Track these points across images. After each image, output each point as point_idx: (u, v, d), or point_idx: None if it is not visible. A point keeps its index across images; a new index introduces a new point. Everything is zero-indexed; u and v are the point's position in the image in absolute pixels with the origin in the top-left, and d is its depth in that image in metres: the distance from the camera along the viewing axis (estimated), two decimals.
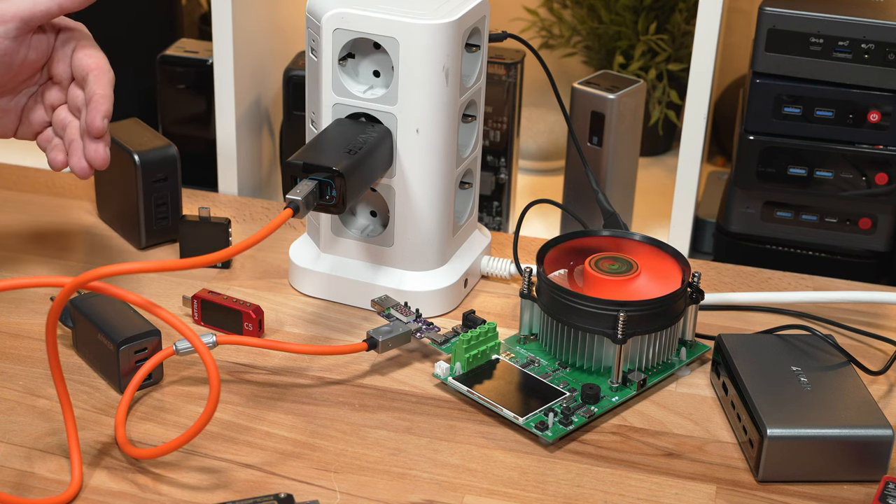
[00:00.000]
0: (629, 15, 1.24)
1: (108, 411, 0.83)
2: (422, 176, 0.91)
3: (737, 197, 1.06)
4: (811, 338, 0.87)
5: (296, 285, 0.98)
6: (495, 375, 0.86)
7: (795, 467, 0.78)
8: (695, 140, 1.03)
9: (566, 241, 0.93)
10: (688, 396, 0.87)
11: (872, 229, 1.04)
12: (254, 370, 0.88)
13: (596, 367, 0.86)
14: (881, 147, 1.01)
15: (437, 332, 0.89)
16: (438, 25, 0.87)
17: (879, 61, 0.99)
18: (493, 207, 1.13)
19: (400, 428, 0.82)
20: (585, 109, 1.06)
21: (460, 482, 0.78)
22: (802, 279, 1.03)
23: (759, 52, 1.01)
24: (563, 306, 0.86)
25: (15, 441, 0.80)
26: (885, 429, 0.78)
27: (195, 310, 0.92)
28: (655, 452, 0.81)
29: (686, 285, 0.88)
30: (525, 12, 1.31)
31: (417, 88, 0.88)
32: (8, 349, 0.89)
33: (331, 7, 0.88)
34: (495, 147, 1.11)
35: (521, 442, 0.81)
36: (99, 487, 0.76)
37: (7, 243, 1.03)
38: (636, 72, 1.24)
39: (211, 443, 0.80)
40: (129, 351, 0.83)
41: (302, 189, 0.84)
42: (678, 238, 1.05)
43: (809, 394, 0.81)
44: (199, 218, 0.99)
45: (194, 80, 1.14)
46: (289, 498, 0.73)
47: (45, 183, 1.13)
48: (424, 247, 0.94)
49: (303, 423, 0.82)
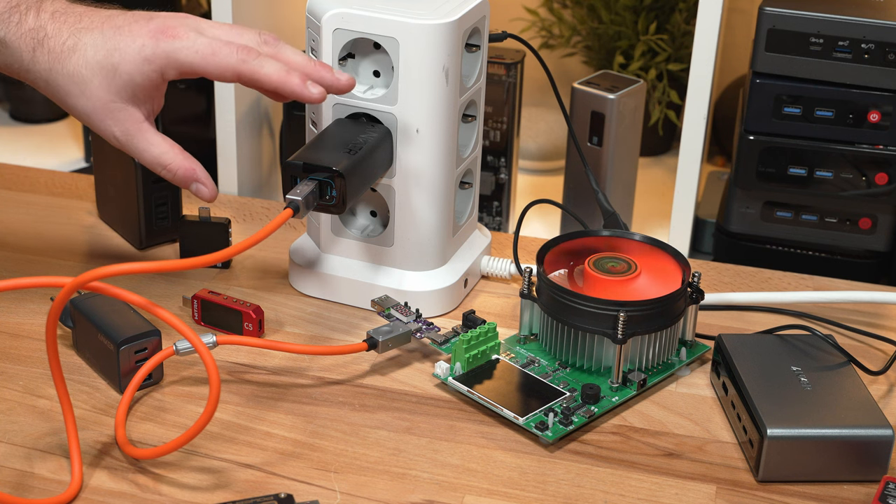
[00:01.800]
0: (629, 15, 1.24)
1: (108, 411, 0.83)
2: (422, 176, 0.91)
3: (737, 197, 1.06)
4: (811, 338, 0.87)
5: (296, 285, 0.98)
6: (495, 375, 0.86)
7: (795, 467, 0.78)
8: (695, 140, 1.03)
9: (566, 241, 0.93)
10: (688, 396, 0.87)
11: (872, 229, 1.04)
12: (254, 370, 0.88)
13: (596, 367, 0.86)
14: (881, 147, 1.01)
15: (437, 332, 0.89)
16: (438, 25, 0.87)
17: (879, 61, 0.99)
18: (493, 207, 1.13)
19: (400, 428, 0.82)
20: (585, 109, 1.06)
21: (460, 482, 0.78)
22: (802, 279, 1.03)
23: (759, 52, 1.01)
24: (563, 306, 0.86)
25: (15, 441, 0.80)
26: (885, 429, 0.78)
27: (195, 310, 0.92)
28: (655, 452, 0.81)
29: (686, 285, 0.88)
30: (525, 12, 1.31)
31: (417, 88, 0.88)
32: (8, 349, 0.89)
33: (331, 7, 0.88)
34: (495, 147, 1.11)
35: (521, 442, 0.81)
36: (99, 487, 0.76)
37: (7, 243, 1.03)
38: (636, 72, 1.24)
39: (211, 443, 0.80)
40: (129, 351, 0.83)
41: (302, 189, 0.84)
42: (678, 238, 1.05)
43: (809, 394, 0.81)
44: (199, 218, 0.99)
45: (194, 80, 1.14)
46: (289, 498, 0.73)
47: (45, 183, 1.13)
48: (424, 247, 0.94)
49: (303, 423, 0.82)
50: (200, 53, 0.83)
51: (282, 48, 0.86)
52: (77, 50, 0.83)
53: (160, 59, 0.83)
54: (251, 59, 0.84)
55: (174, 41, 0.83)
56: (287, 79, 0.83)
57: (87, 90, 0.84)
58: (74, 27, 0.84)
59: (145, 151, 0.86)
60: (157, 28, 0.84)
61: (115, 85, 0.83)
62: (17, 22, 0.84)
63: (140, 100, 0.85)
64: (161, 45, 0.83)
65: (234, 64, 0.83)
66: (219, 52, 0.83)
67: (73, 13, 0.85)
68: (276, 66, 0.84)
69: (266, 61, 0.84)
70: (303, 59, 0.85)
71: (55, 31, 0.84)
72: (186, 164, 0.86)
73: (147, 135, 0.85)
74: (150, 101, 0.86)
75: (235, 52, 0.84)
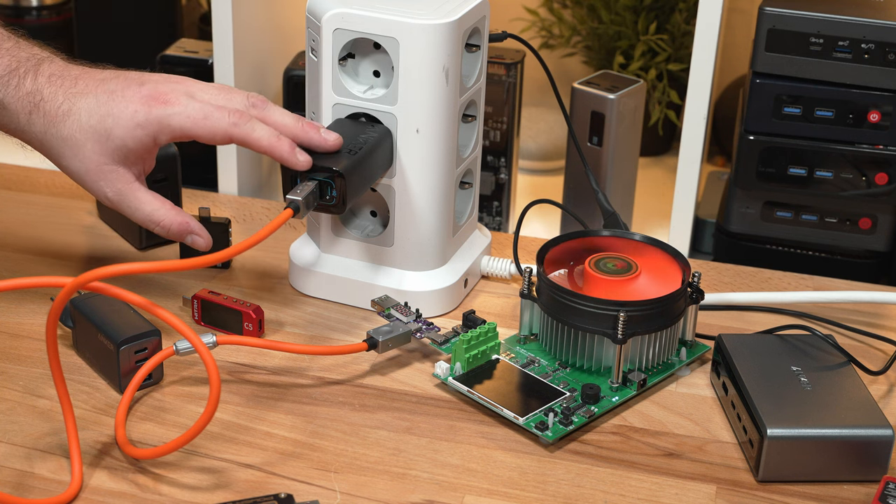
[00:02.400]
0: (629, 15, 1.24)
1: (108, 411, 0.83)
2: (422, 176, 0.91)
3: (737, 197, 1.06)
4: (811, 338, 0.87)
5: (296, 285, 0.98)
6: (495, 375, 0.86)
7: (795, 467, 0.78)
8: (695, 140, 1.03)
9: (566, 241, 0.93)
10: (688, 396, 0.87)
11: (872, 229, 1.04)
12: (254, 370, 0.88)
13: (596, 367, 0.86)
14: (881, 147, 1.01)
15: (437, 332, 0.89)
16: (438, 25, 0.87)
17: (879, 61, 0.99)
18: (493, 207, 1.13)
19: (400, 428, 0.82)
20: (585, 109, 1.06)
21: (460, 482, 0.78)
22: (802, 279, 1.03)
23: (759, 52, 1.01)
24: (563, 306, 0.86)
25: (15, 441, 0.80)
26: (885, 429, 0.78)
27: (195, 310, 0.92)
28: (655, 452, 0.81)
29: (686, 285, 0.88)
30: (525, 12, 1.31)
31: (417, 88, 0.88)
32: (8, 349, 0.89)
33: (331, 7, 0.88)
34: (495, 147, 1.11)
35: (521, 442, 0.81)
36: (99, 487, 0.76)
37: (7, 243, 1.03)
38: (636, 72, 1.23)
39: (211, 443, 0.80)
40: (129, 351, 0.83)
41: (302, 189, 0.84)
42: (678, 238, 1.05)
43: (809, 394, 0.81)
44: (199, 218, 0.99)
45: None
46: (289, 498, 0.73)
47: (45, 183, 1.13)
48: (424, 247, 0.94)
49: (303, 423, 0.82)
50: (192, 119, 0.85)
51: (270, 110, 0.88)
52: (72, 114, 0.85)
53: (153, 125, 0.85)
54: (243, 123, 0.85)
55: (166, 107, 0.85)
56: (277, 145, 0.85)
57: (80, 153, 0.85)
58: (69, 91, 0.86)
59: (137, 210, 0.87)
60: (149, 94, 0.85)
61: (108, 148, 0.85)
62: (15, 85, 0.85)
63: (131, 161, 0.87)
64: (154, 111, 0.85)
65: (226, 128, 0.85)
66: (210, 116, 0.85)
67: (69, 77, 0.86)
68: (267, 130, 0.86)
69: (257, 125, 0.86)
70: (291, 121, 0.87)
71: (51, 94, 0.85)
72: (179, 219, 0.88)
73: (138, 194, 0.87)
74: (142, 162, 0.88)
75: (227, 116, 0.85)
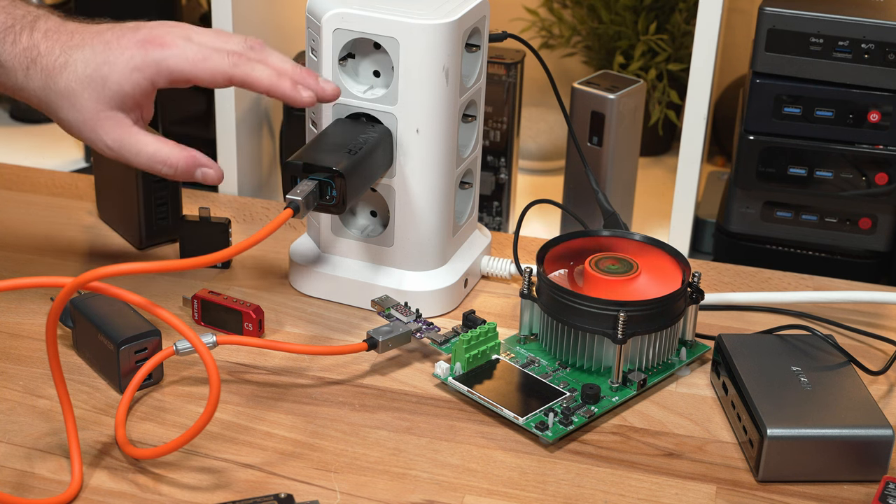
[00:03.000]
0: (629, 15, 1.24)
1: (108, 411, 0.83)
2: (422, 176, 0.91)
3: (737, 197, 1.06)
4: (811, 338, 0.87)
5: (296, 285, 0.98)
6: (495, 375, 0.86)
7: (795, 467, 0.78)
8: (695, 140, 1.03)
9: (566, 241, 0.93)
10: (688, 396, 0.87)
11: (872, 229, 1.04)
12: (254, 370, 0.88)
13: (596, 367, 0.86)
14: (881, 147, 1.01)
15: (437, 332, 0.89)
16: (438, 25, 0.87)
17: (879, 61, 0.99)
18: (493, 207, 1.13)
19: (400, 428, 0.82)
20: (585, 109, 1.06)
21: (460, 482, 0.78)
22: (802, 279, 1.03)
23: (759, 52, 1.01)
24: (563, 306, 0.86)
25: (15, 441, 0.80)
26: (885, 429, 0.78)
27: (195, 310, 0.92)
28: (655, 452, 0.81)
29: (686, 285, 0.88)
30: (525, 12, 1.31)
31: (417, 88, 0.88)
32: (8, 349, 0.89)
33: (331, 7, 0.88)
34: (495, 147, 1.11)
35: (521, 442, 0.81)
36: (99, 487, 0.76)
37: (7, 243, 1.03)
38: (636, 72, 1.24)
39: (211, 443, 0.80)
40: (129, 351, 0.83)
41: (302, 189, 0.84)
42: (678, 238, 1.05)
43: (809, 394, 0.81)
44: (199, 218, 0.99)
45: None
46: (289, 498, 0.73)
47: (45, 183, 1.13)
48: (424, 247, 0.94)
49: (303, 423, 0.82)
50: (191, 61, 0.84)
51: (268, 53, 0.87)
52: (68, 66, 0.85)
53: (150, 67, 0.84)
54: (242, 64, 0.85)
55: (163, 49, 0.84)
56: (278, 82, 0.85)
57: (77, 103, 0.85)
58: (66, 45, 0.85)
59: (140, 154, 0.86)
60: (144, 38, 0.85)
61: (105, 95, 0.85)
62: (11, 42, 0.85)
63: (129, 107, 0.86)
64: (150, 54, 0.84)
65: (226, 68, 0.85)
66: (210, 57, 0.85)
67: (65, 31, 0.86)
68: (267, 70, 0.85)
69: (257, 65, 0.85)
70: (290, 65, 0.87)
71: (48, 49, 0.85)
72: (185, 154, 0.87)
73: (138, 136, 0.86)
74: (139, 108, 0.87)
75: (227, 57, 0.85)
